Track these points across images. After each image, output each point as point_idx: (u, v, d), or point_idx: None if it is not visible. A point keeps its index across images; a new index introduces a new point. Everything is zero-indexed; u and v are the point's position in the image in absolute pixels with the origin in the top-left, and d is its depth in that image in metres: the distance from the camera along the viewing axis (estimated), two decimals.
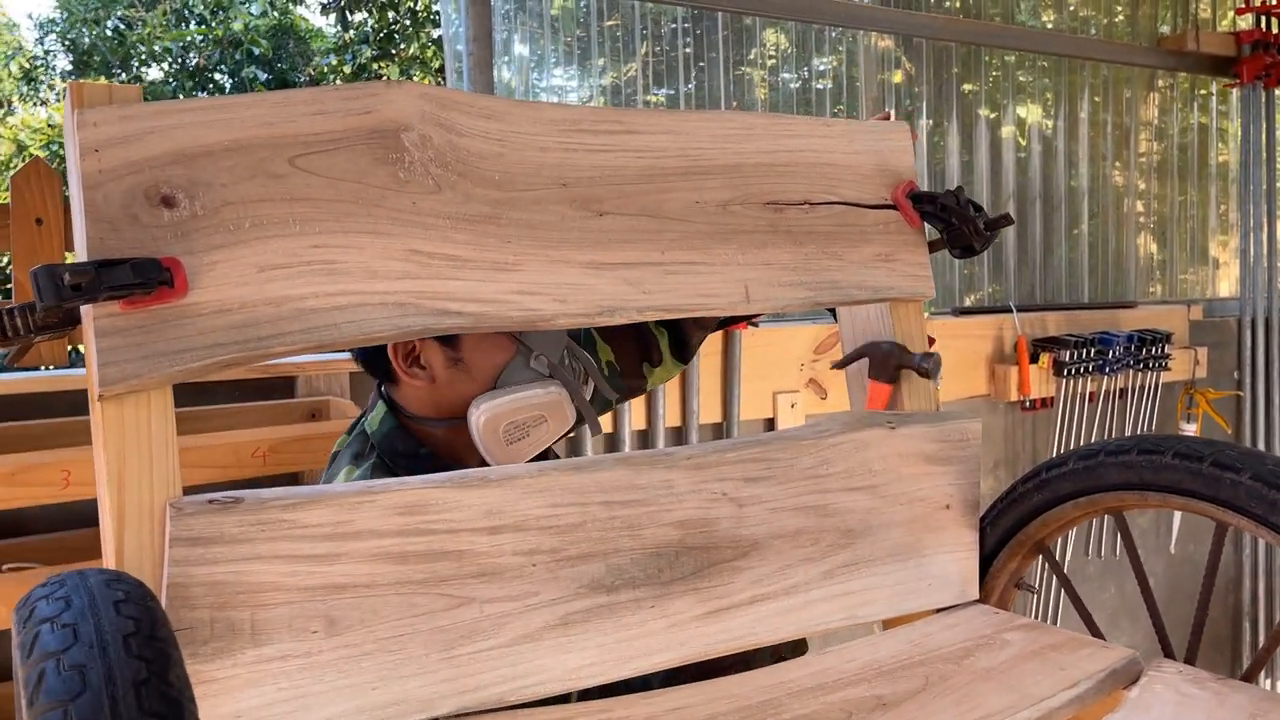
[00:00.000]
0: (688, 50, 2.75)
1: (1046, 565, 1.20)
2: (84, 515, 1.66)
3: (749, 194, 1.13)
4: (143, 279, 0.79)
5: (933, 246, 1.24)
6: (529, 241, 1.00)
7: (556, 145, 1.04)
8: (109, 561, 0.83)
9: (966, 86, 3.14)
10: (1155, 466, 1.04)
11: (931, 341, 1.28)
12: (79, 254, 0.85)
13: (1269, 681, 3.59)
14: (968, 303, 3.10)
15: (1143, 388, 3.10)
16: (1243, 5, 3.51)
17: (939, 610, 1.20)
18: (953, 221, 1.18)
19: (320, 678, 0.87)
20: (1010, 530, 1.20)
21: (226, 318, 0.86)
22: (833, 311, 1.33)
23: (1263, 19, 3.47)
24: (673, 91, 2.76)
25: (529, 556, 0.95)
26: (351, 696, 0.88)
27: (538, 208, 1.01)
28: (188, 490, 0.86)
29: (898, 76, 3.04)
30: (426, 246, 0.95)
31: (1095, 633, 1.15)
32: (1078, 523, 1.17)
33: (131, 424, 0.84)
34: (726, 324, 1.62)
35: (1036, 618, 2.92)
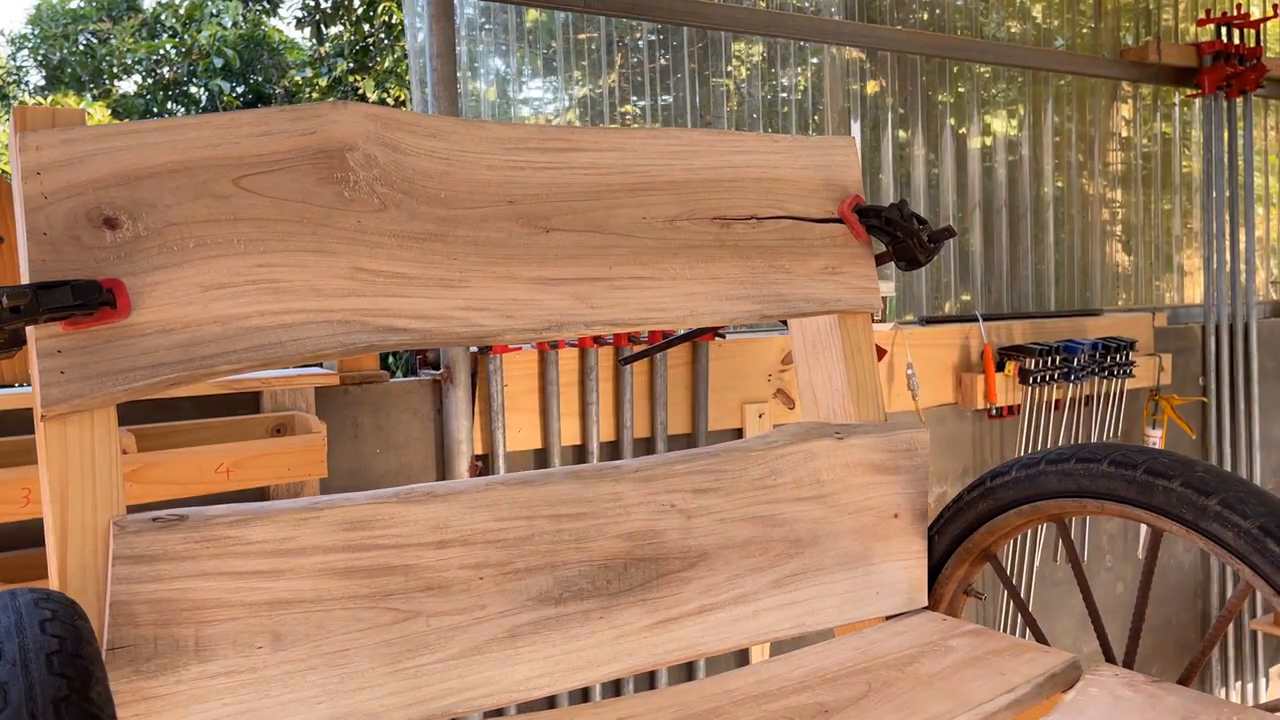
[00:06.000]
0: (663, 62, 2.77)
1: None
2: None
3: (696, 209, 1.15)
4: (83, 300, 0.80)
5: (879, 259, 1.26)
6: (475, 258, 1.01)
7: (503, 163, 1.06)
8: (52, 580, 0.83)
9: (937, 96, 3.17)
10: (1092, 474, 1.06)
11: (882, 353, 1.30)
12: (23, 275, 0.86)
13: (1215, 687, 3.63)
14: (937, 313, 3.14)
15: (1108, 395, 3.14)
16: (1203, 17, 3.57)
17: (888, 618, 1.21)
18: (898, 235, 1.20)
19: (266, 692, 0.87)
20: (957, 538, 1.22)
21: (170, 337, 0.87)
22: (785, 323, 1.35)
23: (1223, 30, 3.53)
24: (647, 104, 2.78)
25: (476, 570, 0.96)
26: (298, 711, 0.89)
27: (484, 225, 1.03)
28: (151, 507, 0.87)
29: (872, 87, 3.08)
30: (372, 264, 0.96)
31: (1040, 637, 1.17)
32: (1022, 530, 1.19)
33: (75, 443, 0.84)
34: (693, 335, 1.64)
35: (999, 624, 2.95)
